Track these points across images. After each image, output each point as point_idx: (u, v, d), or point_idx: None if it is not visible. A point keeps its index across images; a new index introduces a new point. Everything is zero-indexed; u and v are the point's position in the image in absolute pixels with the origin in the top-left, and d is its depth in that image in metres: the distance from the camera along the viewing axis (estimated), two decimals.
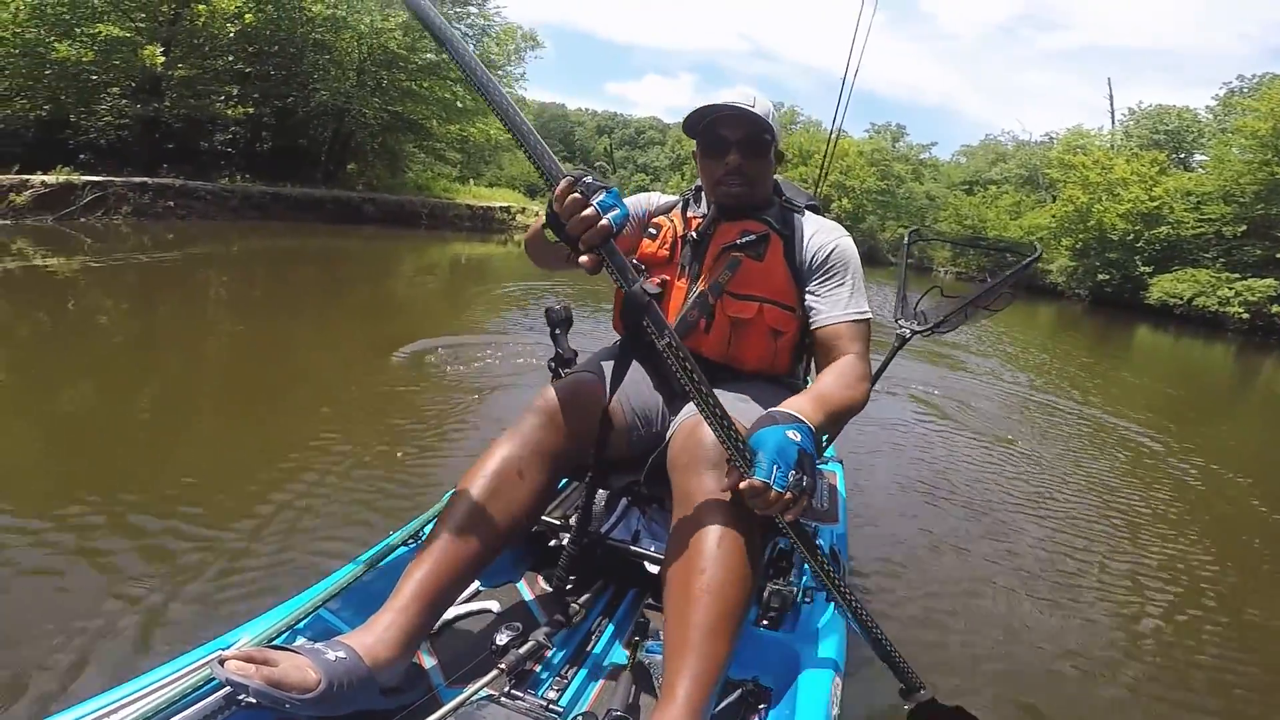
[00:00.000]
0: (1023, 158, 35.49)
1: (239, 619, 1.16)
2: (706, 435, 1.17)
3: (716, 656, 1.01)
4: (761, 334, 1.45)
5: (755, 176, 1.47)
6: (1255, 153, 18.27)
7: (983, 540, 2.82)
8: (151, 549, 2.02)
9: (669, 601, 1.09)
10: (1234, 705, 2.02)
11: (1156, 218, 20.07)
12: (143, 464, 2.68)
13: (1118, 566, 2.76)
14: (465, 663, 1.20)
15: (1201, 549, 3.03)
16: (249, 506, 2.32)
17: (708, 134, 1.47)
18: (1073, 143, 28.44)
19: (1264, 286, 16.47)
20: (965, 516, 3.03)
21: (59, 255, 7.32)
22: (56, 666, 1.52)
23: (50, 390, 3.36)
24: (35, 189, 9.07)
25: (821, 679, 1.20)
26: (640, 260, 1.53)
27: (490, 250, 14.65)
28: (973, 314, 2.29)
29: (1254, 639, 2.38)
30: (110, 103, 11.88)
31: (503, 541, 1.21)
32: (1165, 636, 2.32)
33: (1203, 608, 2.55)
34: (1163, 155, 22.96)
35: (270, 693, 0.87)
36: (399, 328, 5.71)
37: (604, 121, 57.47)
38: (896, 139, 40.63)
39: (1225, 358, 13.24)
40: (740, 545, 1.10)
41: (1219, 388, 9.70)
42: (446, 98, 16.94)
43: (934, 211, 35.36)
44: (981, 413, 4.99)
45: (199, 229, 10.70)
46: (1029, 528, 3.02)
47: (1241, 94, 24.59)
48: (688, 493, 1.16)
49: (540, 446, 1.26)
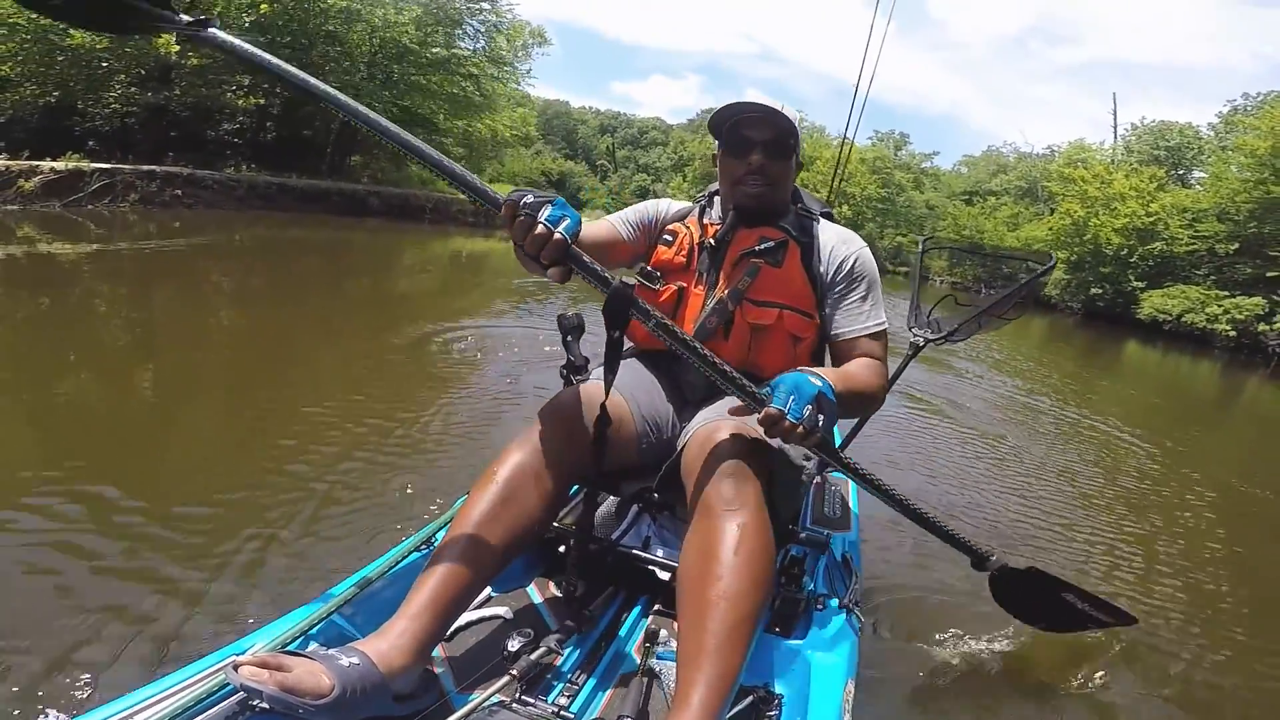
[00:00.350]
0: (1023, 170, 35.65)
1: (252, 625, 1.19)
2: (723, 442, 1.20)
3: (731, 664, 1.01)
4: (781, 340, 1.47)
5: (776, 179, 1.48)
6: (1253, 171, 18.42)
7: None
8: (156, 550, 2.00)
9: (685, 608, 1.09)
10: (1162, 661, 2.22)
11: (1151, 233, 20.25)
12: (138, 458, 2.66)
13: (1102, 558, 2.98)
14: (477, 669, 1.20)
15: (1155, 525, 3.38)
16: (257, 504, 2.32)
17: (732, 133, 1.47)
18: (1074, 156, 28.57)
19: (1252, 305, 16.63)
20: (965, 504, 3.30)
21: (65, 241, 7.46)
22: (69, 674, 1.50)
23: (45, 379, 3.35)
24: (44, 175, 9.24)
25: (833, 685, 1.22)
26: (656, 267, 1.55)
27: (492, 245, 14.83)
28: (987, 323, 2.29)
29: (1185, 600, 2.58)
30: (120, 90, 12.02)
31: (515, 548, 1.21)
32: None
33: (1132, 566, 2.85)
34: (1161, 171, 23.17)
35: (284, 698, 0.88)
36: (413, 316, 5.87)
37: (607, 120, 57.62)
38: (899, 147, 40.77)
39: (1211, 374, 13.41)
40: (757, 553, 1.10)
41: (1201, 401, 9.90)
42: (455, 93, 17.15)
43: (933, 221, 35.45)
44: (973, 412, 5.27)
45: (205, 218, 10.86)
46: (1012, 506, 3.35)
47: (1245, 112, 24.66)
48: (704, 499, 1.17)
49: (552, 454, 1.26)
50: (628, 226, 1.59)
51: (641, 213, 1.62)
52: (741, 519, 1.12)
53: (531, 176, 36.78)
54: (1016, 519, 3.21)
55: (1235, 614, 2.64)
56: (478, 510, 1.19)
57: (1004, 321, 2.31)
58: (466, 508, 1.21)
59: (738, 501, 1.14)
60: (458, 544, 1.15)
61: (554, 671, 1.24)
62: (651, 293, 1.52)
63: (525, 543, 1.24)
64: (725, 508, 1.14)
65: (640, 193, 51.37)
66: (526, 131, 26.12)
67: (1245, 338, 16.59)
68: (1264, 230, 17.73)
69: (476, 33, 17.57)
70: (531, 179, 36.17)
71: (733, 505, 1.14)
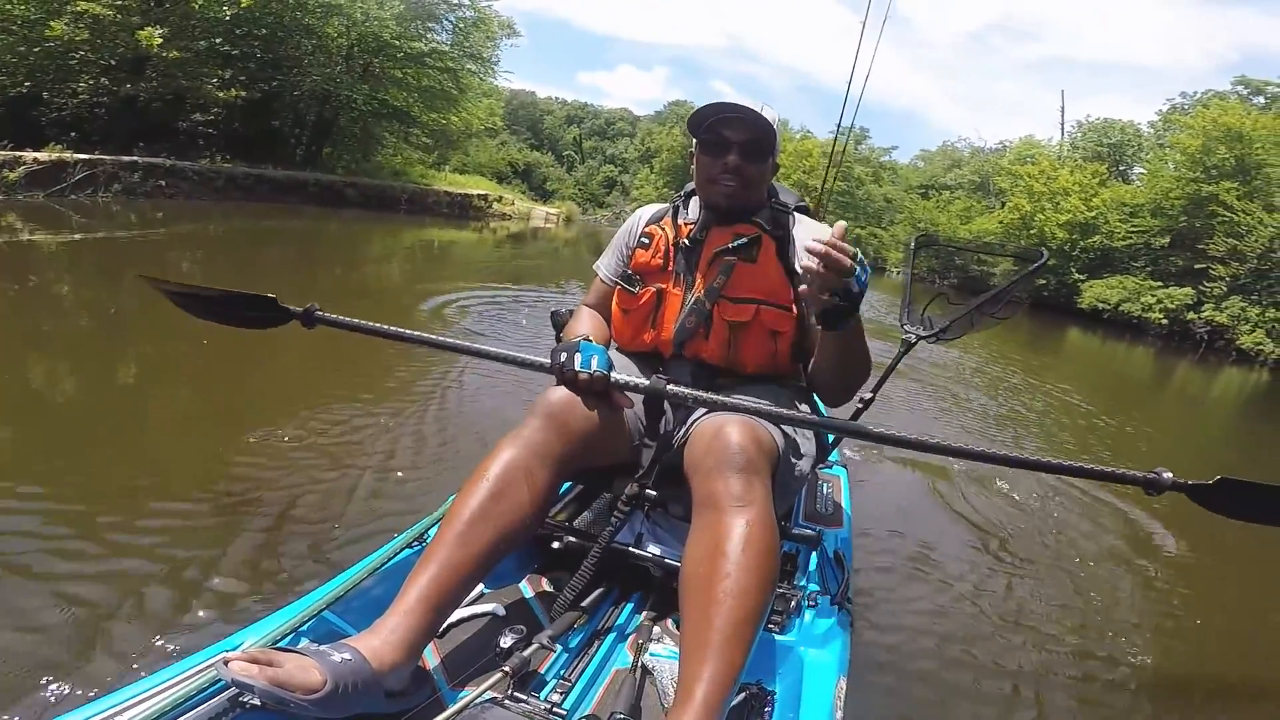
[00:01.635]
0: (977, 164, 36.54)
1: (243, 621, 1.20)
2: (731, 438, 1.21)
3: (735, 661, 1.02)
4: (761, 336, 1.49)
5: (751, 180, 1.49)
6: (1185, 169, 19.45)
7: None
8: (144, 545, 1.95)
9: (690, 604, 1.09)
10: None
11: (1092, 227, 21.42)
12: (105, 449, 2.60)
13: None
14: (469, 665, 1.20)
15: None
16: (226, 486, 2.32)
17: (710, 132, 1.48)
18: (1023, 152, 29.66)
19: (1182, 295, 17.74)
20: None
21: (47, 231, 7.56)
22: (57, 668, 1.47)
23: (15, 368, 3.32)
24: (28, 165, 9.30)
25: (825, 682, 1.23)
26: (635, 270, 1.58)
27: (467, 235, 15.18)
28: (980, 321, 2.26)
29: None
30: (91, 81, 11.94)
31: (507, 546, 1.21)
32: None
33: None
34: (1103, 167, 24.20)
35: (275, 693, 0.88)
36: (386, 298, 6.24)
37: (574, 111, 57.42)
38: (859, 141, 41.72)
39: (1145, 359, 14.40)
40: (765, 551, 1.11)
41: (1135, 380, 10.79)
42: (432, 86, 17.37)
43: (891, 214, 36.55)
44: (926, 374, 5.85)
45: (185, 208, 11.02)
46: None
47: (1182, 111, 25.64)
48: (712, 495, 1.17)
49: (544, 450, 1.27)
50: (614, 264, 1.67)
51: (618, 245, 1.68)
52: (750, 516, 1.13)
53: (498, 167, 36.70)
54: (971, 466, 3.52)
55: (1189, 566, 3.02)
56: (469, 508, 1.19)
57: (997, 321, 2.27)
58: (458, 505, 1.20)
59: (747, 498, 1.15)
60: (449, 541, 1.15)
61: (546, 668, 1.25)
62: (631, 296, 1.57)
63: (517, 540, 1.24)
64: (734, 504, 1.14)
65: (608, 184, 51.57)
66: (493, 123, 26.18)
67: (1176, 325, 17.70)
68: (1194, 225, 18.76)
69: (454, 27, 17.79)
70: (498, 170, 36.13)
71: (741, 501, 1.14)
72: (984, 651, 2.08)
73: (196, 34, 12.70)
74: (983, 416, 5.40)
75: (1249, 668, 2.39)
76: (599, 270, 1.70)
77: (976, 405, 5.71)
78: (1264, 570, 3.21)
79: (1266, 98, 22.19)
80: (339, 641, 1.02)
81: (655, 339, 1.56)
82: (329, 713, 0.93)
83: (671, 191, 40.25)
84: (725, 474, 1.17)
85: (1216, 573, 3.13)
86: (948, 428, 4.83)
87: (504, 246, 15.32)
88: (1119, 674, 2.12)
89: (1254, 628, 2.68)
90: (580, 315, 1.70)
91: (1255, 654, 2.49)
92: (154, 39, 11.03)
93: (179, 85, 12.34)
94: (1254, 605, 2.90)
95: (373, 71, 16.41)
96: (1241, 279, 16.64)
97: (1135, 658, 2.22)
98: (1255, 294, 16.20)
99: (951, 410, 5.33)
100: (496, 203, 20.17)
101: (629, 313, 1.58)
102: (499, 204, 20.03)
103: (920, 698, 1.83)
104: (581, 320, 1.67)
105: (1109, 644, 2.27)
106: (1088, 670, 2.10)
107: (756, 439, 1.23)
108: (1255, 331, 15.50)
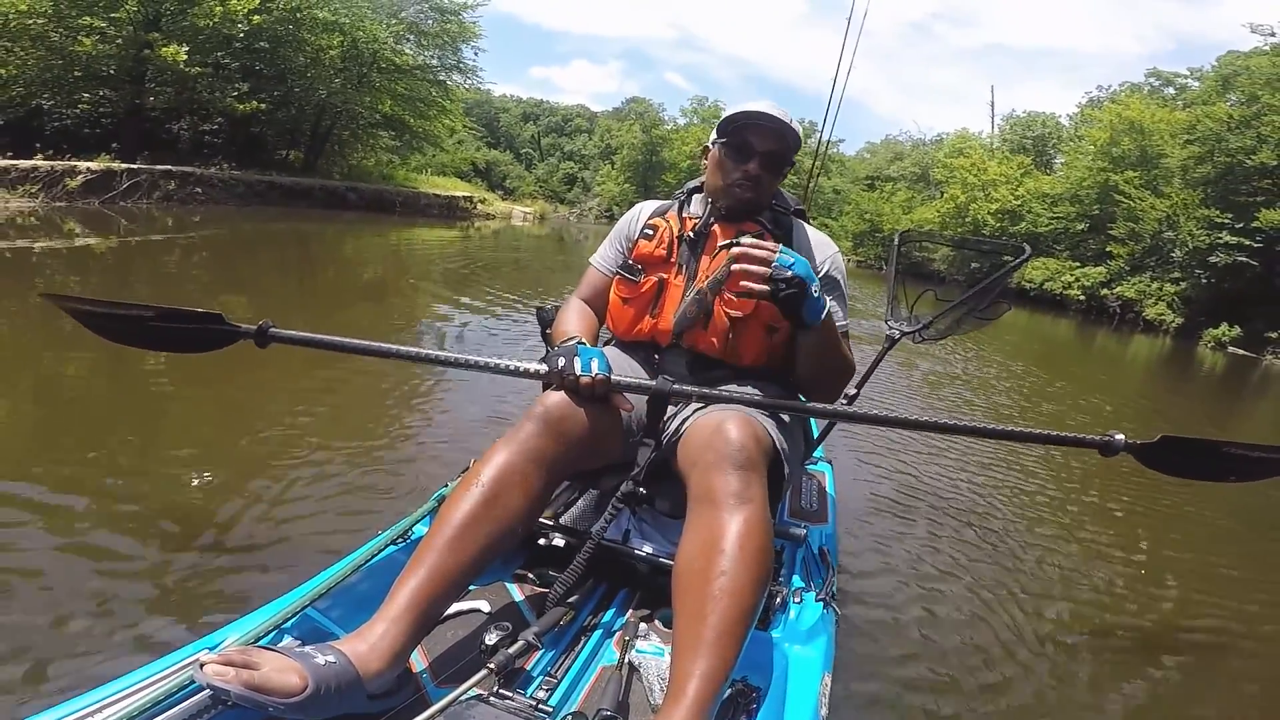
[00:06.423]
0: (917, 156, 37.46)
1: (225, 619, 1.19)
2: (731, 434, 1.21)
3: (728, 658, 1.01)
4: (758, 330, 1.50)
5: (765, 188, 1.54)
6: (1095, 159, 21.57)
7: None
8: (130, 540, 1.96)
9: (683, 600, 1.09)
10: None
11: (1019, 215, 23.62)
12: (108, 440, 2.66)
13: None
14: (454, 662, 1.18)
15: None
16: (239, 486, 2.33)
17: (737, 135, 1.50)
18: (957, 145, 31.14)
19: (1096, 273, 20.14)
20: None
21: (99, 235, 8.43)
22: (32, 664, 1.45)
23: (26, 367, 3.47)
24: (84, 175, 10.26)
25: (810, 678, 1.24)
26: (637, 260, 1.59)
27: (455, 234, 16.42)
28: (966, 321, 2.24)
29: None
30: (103, 92, 12.78)
31: (498, 549, 1.19)
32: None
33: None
34: (1028, 159, 26.30)
35: (252, 696, 0.87)
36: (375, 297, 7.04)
37: (530, 108, 57.41)
38: (808, 135, 43.08)
39: (1069, 330, 16.58)
40: (760, 548, 1.11)
41: (1063, 348, 12.72)
42: (424, 97, 18.64)
43: (840, 205, 37.96)
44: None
45: (213, 212, 12.11)
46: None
47: (1097, 104, 27.40)
48: (709, 491, 1.16)
49: (538, 454, 1.24)
50: (612, 256, 1.69)
51: (617, 236, 1.70)
52: (746, 513, 1.13)
53: (459, 167, 37.12)
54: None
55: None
56: (460, 512, 1.16)
57: (984, 321, 2.23)
58: (449, 509, 1.18)
59: (745, 495, 1.15)
60: (439, 546, 1.13)
61: (532, 665, 1.23)
62: (633, 285, 1.58)
63: (508, 543, 1.22)
64: (731, 500, 1.14)
65: (568, 180, 51.73)
66: (453, 126, 26.92)
67: (1093, 301, 20.09)
68: (1106, 210, 20.91)
69: (444, 43, 18.93)
70: (459, 170, 36.55)
71: (740, 498, 1.14)
72: (971, 648, 2.08)
73: (208, 49, 13.54)
74: (939, 386, 6.17)
75: (1245, 662, 2.35)
76: (594, 263, 1.72)
77: (936, 377, 6.60)
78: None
79: (1175, 89, 24.44)
80: (325, 644, 1.01)
81: (654, 328, 1.57)
82: (309, 715, 0.91)
83: (632, 188, 40.06)
84: (724, 470, 1.17)
85: (1213, 566, 3.14)
86: (922, 405, 5.43)
87: (501, 240, 16.68)
88: (1103, 661, 2.16)
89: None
90: (569, 308, 1.69)
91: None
92: (179, 54, 11.94)
93: (201, 98, 13.23)
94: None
95: (370, 83, 17.55)
96: (1137, 256, 19.06)
97: (1121, 649, 2.24)
98: (1151, 270, 18.69)
99: (923, 387, 6.08)
100: (480, 203, 21.69)
101: (629, 300, 1.60)
102: (482, 204, 21.60)
103: (906, 695, 1.83)
104: (570, 316, 1.65)
105: (1091, 633, 2.29)
106: (1072, 659, 2.11)
107: (755, 436, 1.23)
108: (1158, 305, 17.95)
